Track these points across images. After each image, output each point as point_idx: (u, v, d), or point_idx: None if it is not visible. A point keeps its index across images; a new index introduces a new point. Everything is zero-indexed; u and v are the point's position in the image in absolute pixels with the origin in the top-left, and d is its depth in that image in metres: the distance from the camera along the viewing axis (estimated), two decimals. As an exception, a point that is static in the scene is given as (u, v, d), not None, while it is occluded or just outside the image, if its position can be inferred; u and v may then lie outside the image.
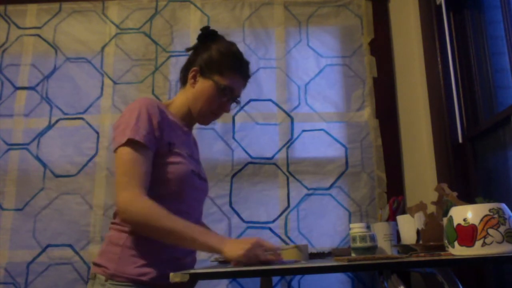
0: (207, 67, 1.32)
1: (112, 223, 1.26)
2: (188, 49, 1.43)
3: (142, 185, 1.14)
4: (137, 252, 1.18)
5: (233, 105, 1.39)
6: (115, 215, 1.28)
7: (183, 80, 1.39)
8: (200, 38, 1.39)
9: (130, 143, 1.16)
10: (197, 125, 1.43)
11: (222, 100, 1.33)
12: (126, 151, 1.15)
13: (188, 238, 1.12)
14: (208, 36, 1.38)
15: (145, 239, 1.18)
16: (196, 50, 1.39)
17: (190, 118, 1.36)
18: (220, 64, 1.32)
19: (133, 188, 1.12)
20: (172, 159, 1.23)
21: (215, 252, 1.14)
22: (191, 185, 1.29)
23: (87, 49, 2.17)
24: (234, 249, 1.08)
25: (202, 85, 1.32)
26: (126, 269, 1.16)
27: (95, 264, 1.22)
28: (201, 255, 1.78)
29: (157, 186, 1.20)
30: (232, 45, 1.37)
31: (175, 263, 1.22)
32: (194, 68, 1.34)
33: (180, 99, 1.36)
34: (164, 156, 1.22)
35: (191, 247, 1.20)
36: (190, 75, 1.34)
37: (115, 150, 1.19)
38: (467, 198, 1.29)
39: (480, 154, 1.63)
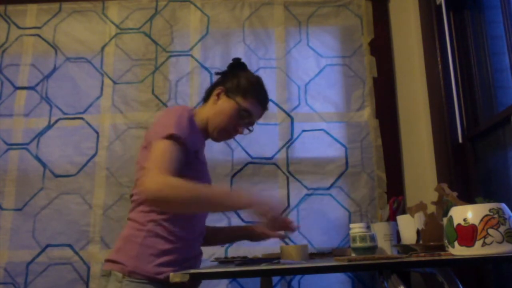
0: (233, 88, 1.41)
1: (130, 219, 1.29)
2: (216, 73, 1.52)
3: (173, 172, 1.16)
4: (154, 251, 1.22)
5: (245, 131, 1.46)
6: (132, 209, 1.31)
7: (207, 98, 1.46)
8: (230, 66, 1.49)
9: (171, 137, 1.20)
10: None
11: (239, 122, 1.41)
12: (165, 144, 1.19)
13: (220, 202, 1.21)
14: (238, 66, 1.49)
15: (163, 239, 1.23)
16: (224, 75, 1.48)
17: (207, 132, 1.43)
18: (246, 89, 1.41)
19: (164, 171, 1.15)
20: (197, 166, 1.32)
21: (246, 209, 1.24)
22: None
23: (87, 49, 2.17)
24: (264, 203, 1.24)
25: (224, 104, 1.40)
26: (144, 266, 1.19)
27: (110, 261, 1.24)
28: (201, 255, 1.78)
29: None
30: (258, 77, 1.48)
31: (188, 263, 1.28)
32: (220, 87, 1.42)
33: (202, 113, 1.43)
34: (190, 163, 1.28)
35: (223, 210, 1.29)
36: (215, 92, 1.42)
37: (153, 143, 1.21)
38: (467, 198, 1.29)
39: (480, 154, 1.63)
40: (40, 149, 2.03)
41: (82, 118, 2.07)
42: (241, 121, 1.41)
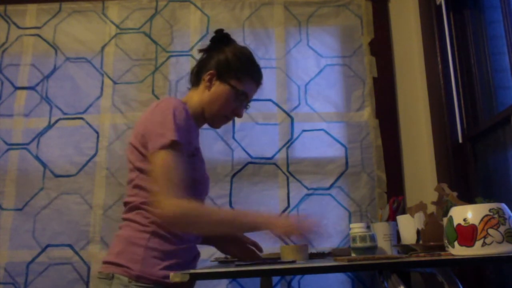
0: (225, 71, 1.33)
1: (128, 220, 1.22)
2: (200, 50, 1.43)
3: (184, 188, 1.14)
4: (160, 253, 1.17)
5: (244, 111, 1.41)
6: (128, 211, 1.24)
7: (196, 82, 1.38)
8: (213, 40, 1.40)
9: (172, 145, 1.14)
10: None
11: (236, 105, 1.35)
12: (168, 156, 1.14)
13: (238, 224, 1.20)
14: (222, 39, 1.40)
15: (167, 240, 1.19)
16: (209, 52, 1.39)
17: (202, 119, 1.37)
18: (237, 69, 1.33)
19: (178, 192, 1.12)
20: (197, 164, 1.26)
21: (265, 229, 1.18)
22: (206, 192, 1.36)
23: (87, 49, 2.17)
24: (285, 222, 1.18)
25: (219, 89, 1.32)
26: (151, 270, 1.15)
27: (112, 263, 1.18)
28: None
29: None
30: (246, 49, 1.40)
31: (192, 263, 1.26)
32: (211, 71, 1.33)
33: (195, 100, 1.35)
34: (191, 161, 1.23)
35: (241, 231, 1.25)
36: (206, 77, 1.33)
37: (154, 151, 1.15)
38: (467, 198, 1.29)
39: (480, 154, 1.63)
40: (40, 149, 2.03)
41: (82, 118, 2.07)
42: (239, 103, 1.35)
